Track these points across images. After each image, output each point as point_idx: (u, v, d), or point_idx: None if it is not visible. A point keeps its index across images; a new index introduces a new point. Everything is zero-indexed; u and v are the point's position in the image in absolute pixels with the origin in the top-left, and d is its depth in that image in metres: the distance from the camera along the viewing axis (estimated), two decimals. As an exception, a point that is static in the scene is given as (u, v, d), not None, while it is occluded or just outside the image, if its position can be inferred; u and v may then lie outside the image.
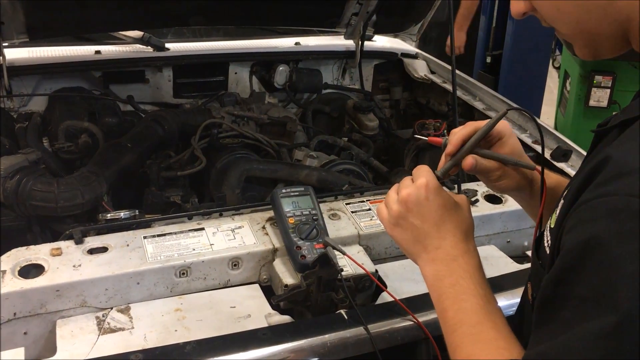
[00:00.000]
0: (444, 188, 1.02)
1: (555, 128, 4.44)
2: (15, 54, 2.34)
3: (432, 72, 2.83)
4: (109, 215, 1.60)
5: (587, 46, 0.84)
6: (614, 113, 0.84)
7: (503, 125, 1.07)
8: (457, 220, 0.98)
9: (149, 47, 2.51)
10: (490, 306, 0.89)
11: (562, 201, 0.80)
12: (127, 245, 1.49)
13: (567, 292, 0.69)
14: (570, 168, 1.95)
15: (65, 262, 1.42)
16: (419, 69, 2.84)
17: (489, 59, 4.33)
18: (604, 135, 0.84)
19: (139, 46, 2.52)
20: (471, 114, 2.53)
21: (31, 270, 1.40)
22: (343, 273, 1.44)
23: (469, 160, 1.04)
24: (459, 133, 1.06)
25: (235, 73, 2.66)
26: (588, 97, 4.12)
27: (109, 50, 2.49)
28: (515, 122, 2.31)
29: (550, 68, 5.86)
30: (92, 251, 1.47)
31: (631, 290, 0.62)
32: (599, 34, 0.80)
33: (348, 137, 2.43)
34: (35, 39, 2.28)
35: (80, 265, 1.41)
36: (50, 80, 2.42)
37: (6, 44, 2.23)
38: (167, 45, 2.55)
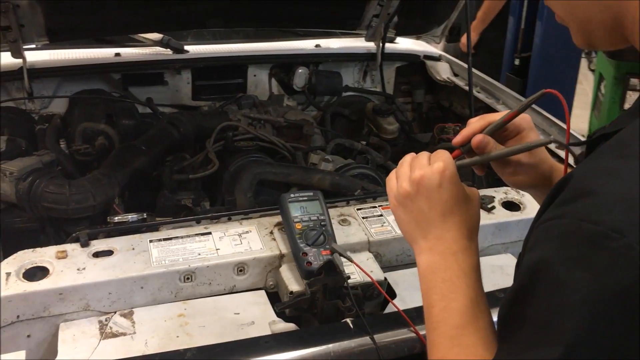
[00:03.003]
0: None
1: (590, 131, 4.32)
2: (37, 57, 2.37)
3: (455, 75, 2.77)
4: (116, 218, 1.59)
5: (580, 32, 0.81)
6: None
7: (522, 118, 1.03)
8: (465, 215, 0.94)
9: (168, 49, 2.51)
10: (479, 310, 0.86)
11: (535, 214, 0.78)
12: (133, 249, 1.48)
13: (520, 313, 0.68)
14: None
15: (70, 265, 1.41)
16: (442, 71, 2.78)
17: (517, 61, 4.22)
18: (594, 148, 0.81)
19: (158, 48, 2.53)
20: (494, 117, 2.46)
21: (36, 273, 1.40)
22: (351, 281, 1.41)
23: (479, 138, 0.99)
24: (471, 126, 1.03)
25: (255, 75, 2.64)
26: (623, 100, 4.01)
27: (128, 52, 2.50)
28: (539, 126, 2.24)
29: (587, 70, 5.71)
30: (97, 254, 1.46)
31: (576, 320, 0.61)
32: (590, 20, 0.78)
33: (366, 141, 2.39)
34: (55, 42, 2.30)
35: (84, 269, 1.40)
36: (71, 83, 2.44)
37: (27, 47, 2.25)
38: (187, 47, 2.55)
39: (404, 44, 2.93)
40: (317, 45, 2.75)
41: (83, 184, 1.78)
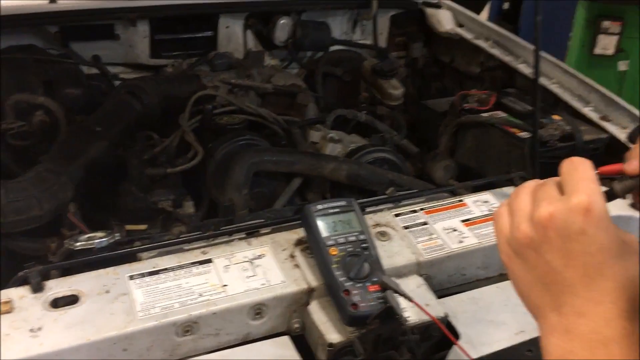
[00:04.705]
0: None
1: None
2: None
3: (460, 25, 2.38)
4: (78, 243, 1.16)
5: None
6: None
7: None
8: (623, 278, 0.62)
9: (119, -6, 2.00)
10: None
11: None
12: (107, 291, 1.06)
13: None
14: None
15: (19, 325, 0.99)
16: (444, 21, 2.38)
17: (506, 5, 3.84)
18: None
19: (106, -8, 2.01)
20: (512, 79, 2.12)
21: (-32, 338, 0.98)
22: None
23: None
24: None
25: (227, 27, 2.17)
26: (593, 44, 3.76)
27: (67, -2, 1.97)
28: (574, 91, 1.92)
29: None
30: (56, 303, 1.04)
31: None
32: None
33: (371, 111, 1.99)
34: (-32, -16, 1.75)
35: (40, 329, 0.98)
36: (-7, 37, 1.91)
37: None
38: (142, -9, 2.04)
39: (396, -13, 2.50)
40: (300, -11, 2.29)
41: (24, 187, 1.33)
